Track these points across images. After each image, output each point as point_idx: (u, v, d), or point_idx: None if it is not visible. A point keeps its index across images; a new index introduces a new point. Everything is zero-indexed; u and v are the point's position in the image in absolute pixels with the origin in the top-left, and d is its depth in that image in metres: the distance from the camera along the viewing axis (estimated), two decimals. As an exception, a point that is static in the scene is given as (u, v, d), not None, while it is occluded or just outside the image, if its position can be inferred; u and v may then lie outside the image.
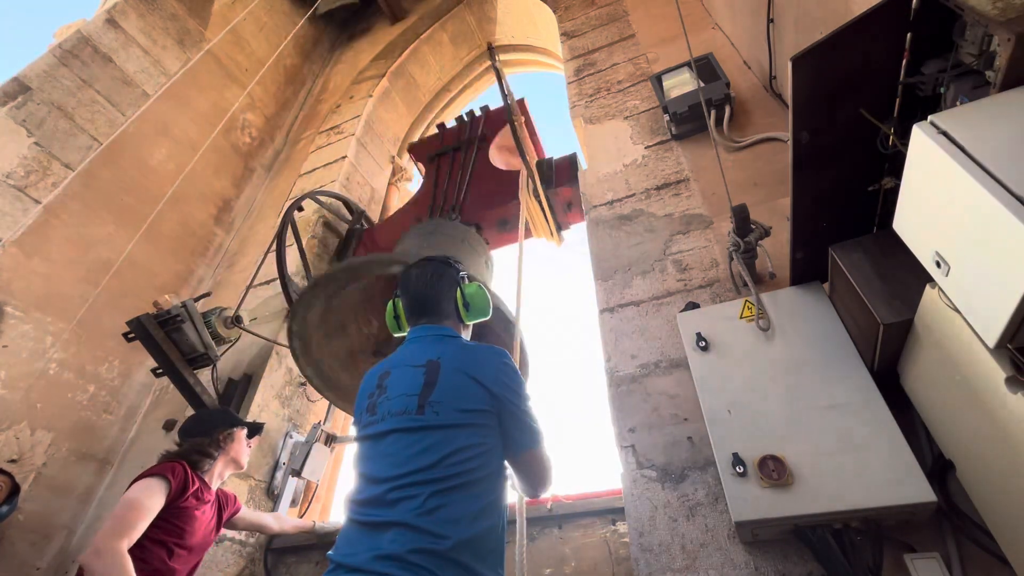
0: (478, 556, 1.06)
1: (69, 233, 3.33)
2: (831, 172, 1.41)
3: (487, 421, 1.20)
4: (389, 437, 1.19)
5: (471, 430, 1.17)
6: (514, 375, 1.29)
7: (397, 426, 1.19)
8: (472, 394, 1.21)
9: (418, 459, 1.12)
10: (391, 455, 1.16)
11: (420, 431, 1.16)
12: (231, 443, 2.04)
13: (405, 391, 1.24)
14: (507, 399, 1.22)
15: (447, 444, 1.14)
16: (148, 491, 1.71)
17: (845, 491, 1.28)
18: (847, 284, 1.40)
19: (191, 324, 2.51)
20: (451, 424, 1.16)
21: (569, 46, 4.02)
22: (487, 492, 1.14)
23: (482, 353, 1.30)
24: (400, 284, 1.52)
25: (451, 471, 1.10)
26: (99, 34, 3.84)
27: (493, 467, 1.18)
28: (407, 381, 1.26)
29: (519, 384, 1.28)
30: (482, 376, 1.23)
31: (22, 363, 2.91)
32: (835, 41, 1.20)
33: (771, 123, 2.54)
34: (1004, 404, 0.99)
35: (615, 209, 2.61)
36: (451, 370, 1.24)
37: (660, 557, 1.54)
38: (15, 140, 3.19)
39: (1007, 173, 0.82)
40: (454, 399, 1.19)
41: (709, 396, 1.60)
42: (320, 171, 4.47)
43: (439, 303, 1.46)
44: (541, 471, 1.27)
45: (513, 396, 1.24)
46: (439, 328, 1.42)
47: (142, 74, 4.06)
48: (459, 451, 1.13)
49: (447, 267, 1.52)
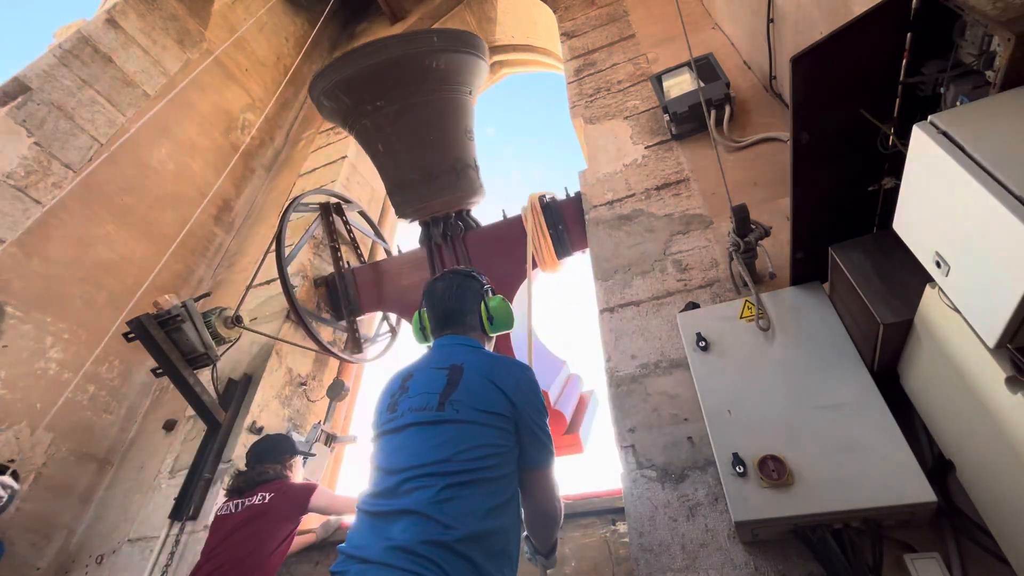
0: (487, 554, 1.07)
1: (69, 233, 3.33)
2: (831, 172, 1.41)
3: (506, 425, 1.22)
4: (407, 431, 1.22)
5: (490, 430, 1.19)
6: (536, 391, 1.30)
7: (416, 420, 1.22)
8: (493, 398, 1.23)
9: (435, 452, 1.14)
10: (408, 447, 1.19)
11: (439, 425, 1.19)
12: (290, 470, 2.32)
13: (426, 389, 1.27)
14: (527, 411, 1.24)
15: (464, 439, 1.16)
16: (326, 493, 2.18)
17: (845, 491, 1.28)
18: (847, 284, 1.40)
19: (191, 324, 2.51)
20: (470, 421, 1.18)
21: (569, 46, 4.02)
22: (501, 492, 1.16)
23: (507, 364, 1.33)
24: (425, 296, 1.56)
25: (466, 466, 1.12)
26: (99, 34, 3.83)
27: (509, 469, 1.20)
28: (430, 382, 1.29)
29: (540, 401, 1.30)
30: (505, 385, 1.25)
31: (22, 363, 2.91)
32: (835, 41, 1.20)
33: (771, 123, 2.54)
34: (1004, 404, 0.99)
35: (615, 209, 2.61)
36: (475, 374, 1.27)
37: (660, 557, 1.54)
38: (15, 140, 3.19)
39: (1007, 173, 0.82)
40: (475, 399, 1.21)
41: (709, 396, 1.60)
42: (320, 171, 4.47)
43: (464, 315, 1.49)
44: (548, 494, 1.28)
45: (533, 411, 1.25)
46: (465, 339, 1.45)
47: (142, 74, 4.06)
48: (476, 447, 1.15)
49: (471, 280, 1.55)
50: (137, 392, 3.40)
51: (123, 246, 3.64)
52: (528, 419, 1.24)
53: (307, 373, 3.24)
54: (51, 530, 2.78)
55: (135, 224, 3.76)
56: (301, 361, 3.23)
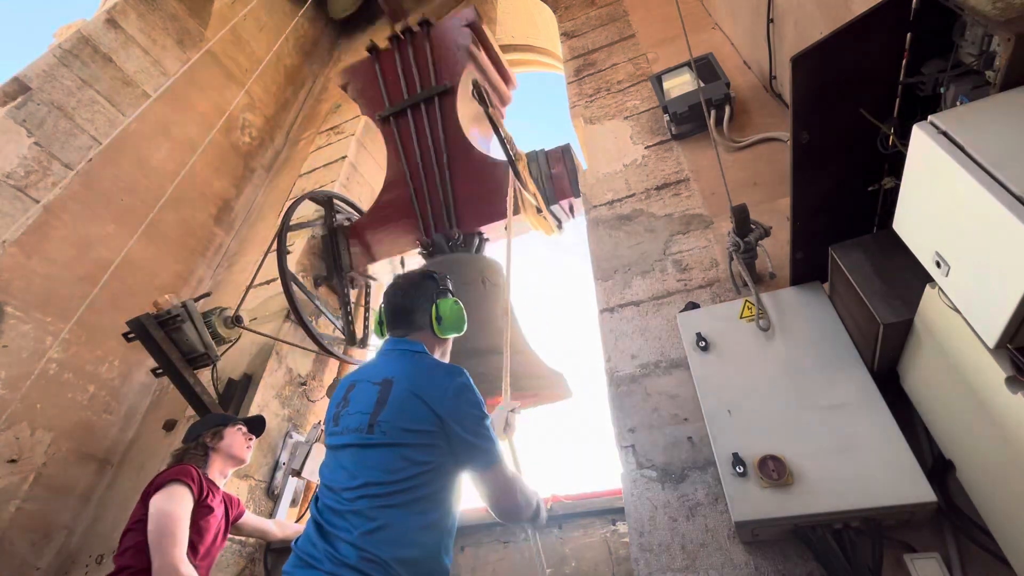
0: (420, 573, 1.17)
1: (69, 233, 3.33)
2: (831, 172, 1.41)
3: (434, 441, 1.24)
4: (346, 451, 1.29)
5: (415, 449, 1.23)
6: (464, 396, 1.30)
7: (352, 442, 1.29)
8: (418, 414, 1.25)
9: (366, 474, 1.22)
10: (345, 468, 1.26)
11: (369, 448, 1.25)
12: (219, 441, 2.07)
13: (361, 408, 1.32)
14: (454, 422, 1.25)
15: (392, 461, 1.21)
16: (179, 499, 1.75)
17: (845, 491, 1.28)
18: (847, 284, 1.40)
19: (191, 324, 2.51)
20: (396, 443, 1.23)
21: (569, 46, 4.02)
22: (431, 509, 1.22)
23: (435, 374, 1.34)
24: (384, 294, 1.59)
25: (396, 488, 1.18)
26: (99, 34, 3.83)
27: (439, 485, 1.24)
28: (364, 398, 1.34)
29: (468, 404, 1.29)
30: (429, 398, 1.27)
31: (22, 363, 2.91)
32: (835, 41, 1.19)
33: (771, 123, 2.54)
34: (1004, 404, 0.99)
35: (615, 209, 2.61)
36: (402, 389, 1.30)
37: (660, 557, 1.54)
38: (15, 140, 3.19)
39: (1007, 173, 0.82)
40: (400, 419, 1.25)
41: (709, 396, 1.60)
42: (320, 171, 4.47)
43: (413, 315, 1.51)
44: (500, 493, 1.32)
45: (457, 418, 1.26)
46: (407, 343, 1.47)
47: (142, 74, 4.05)
48: (402, 468, 1.20)
49: (426, 280, 1.57)
50: (137, 392, 3.40)
51: (123, 246, 3.63)
52: (457, 430, 1.25)
53: (307, 373, 3.23)
54: (51, 530, 2.78)
55: (135, 224, 3.75)
56: (301, 361, 3.23)
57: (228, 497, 2.09)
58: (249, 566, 2.49)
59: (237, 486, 2.57)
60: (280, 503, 2.69)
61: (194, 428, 2.14)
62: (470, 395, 1.31)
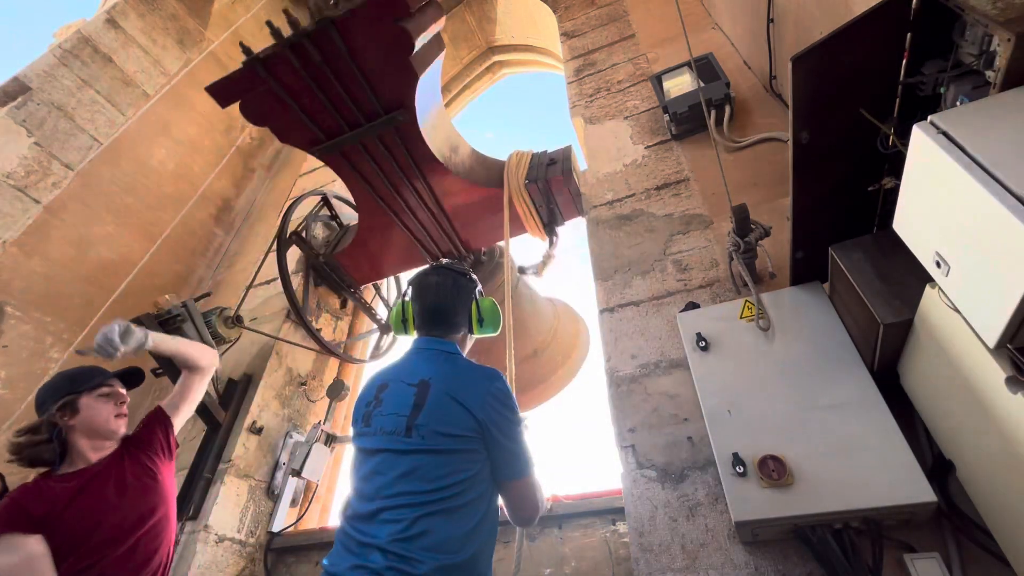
0: None
1: (69, 233, 3.33)
2: (831, 172, 1.41)
3: (473, 446, 1.21)
4: (380, 455, 1.23)
5: (456, 455, 1.19)
6: (502, 400, 1.27)
7: (387, 446, 1.23)
8: (457, 419, 1.21)
9: (403, 482, 1.16)
10: (380, 473, 1.21)
11: (407, 454, 1.20)
12: (74, 416, 1.54)
13: (396, 410, 1.27)
14: (491, 427, 1.22)
15: (431, 469, 1.17)
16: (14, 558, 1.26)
17: (845, 491, 1.28)
18: (847, 284, 1.40)
19: (191, 324, 2.50)
20: (435, 449, 1.19)
21: (569, 46, 4.02)
22: (471, 516, 1.17)
23: (473, 376, 1.30)
24: (415, 289, 1.49)
25: (435, 496, 1.14)
26: (99, 34, 3.83)
27: (478, 492, 1.20)
28: (399, 399, 1.28)
29: (508, 410, 1.26)
30: (468, 401, 1.23)
31: (22, 363, 2.91)
32: (835, 41, 1.20)
33: (771, 123, 2.54)
34: (1004, 404, 0.99)
35: (615, 209, 2.61)
36: (439, 392, 1.25)
37: (660, 557, 1.54)
38: (15, 140, 3.19)
39: (1007, 173, 0.82)
40: (439, 423, 1.21)
41: (709, 396, 1.60)
42: (320, 171, 4.47)
43: (454, 316, 1.44)
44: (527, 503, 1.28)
45: (497, 424, 1.23)
46: (442, 343, 1.41)
47: (142, 74, 4.05)
48: (442, 476, 1.16)
49: (465, 280, 1.50)
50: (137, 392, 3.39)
51: (123, 246, 3.64)
52: (495, 434, 1.22)
53: (307, 373, 3.23)
54: (51, 530, 2.78)
55: (136, 224, 3.76)
56: (301, 361, 3.23)
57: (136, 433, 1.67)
58: (249, 566, 2.49)
59: (237, 486, 2.57)
60: (280, 503, 2.69)
61: (41, 396, 1.57)
62: (509, 401, 1.28)
